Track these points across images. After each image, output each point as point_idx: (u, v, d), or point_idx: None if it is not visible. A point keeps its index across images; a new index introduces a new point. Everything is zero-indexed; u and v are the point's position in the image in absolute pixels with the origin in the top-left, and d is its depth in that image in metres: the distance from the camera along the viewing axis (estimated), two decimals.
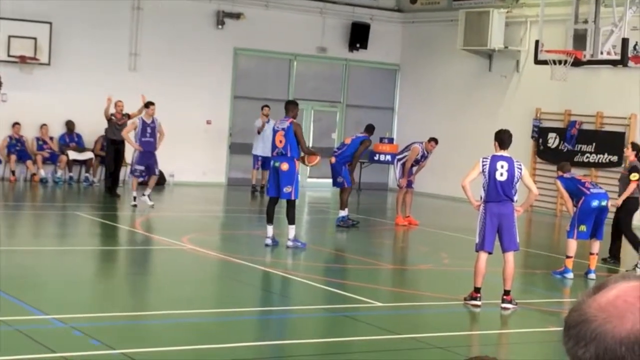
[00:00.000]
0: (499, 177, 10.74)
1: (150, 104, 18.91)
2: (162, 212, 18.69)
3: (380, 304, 10.92)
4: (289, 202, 14.63)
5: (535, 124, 23.43)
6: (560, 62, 19.44)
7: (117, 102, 20.59)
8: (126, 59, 23.87)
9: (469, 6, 24.35)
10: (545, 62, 19.76)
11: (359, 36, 26.59)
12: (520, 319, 10.86)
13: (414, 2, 27.15)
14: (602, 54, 18.79)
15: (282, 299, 11.57)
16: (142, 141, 18.70)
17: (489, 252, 10.84)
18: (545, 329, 10.29)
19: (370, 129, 19.03)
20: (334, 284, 11.90)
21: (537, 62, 20.12)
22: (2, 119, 22.17)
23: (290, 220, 14.61)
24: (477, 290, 10.87)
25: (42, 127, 22.93)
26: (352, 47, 26.68)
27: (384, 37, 27.06)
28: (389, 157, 25.63)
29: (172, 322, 9.59)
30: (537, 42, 20.11)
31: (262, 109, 23.68)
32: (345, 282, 12.24)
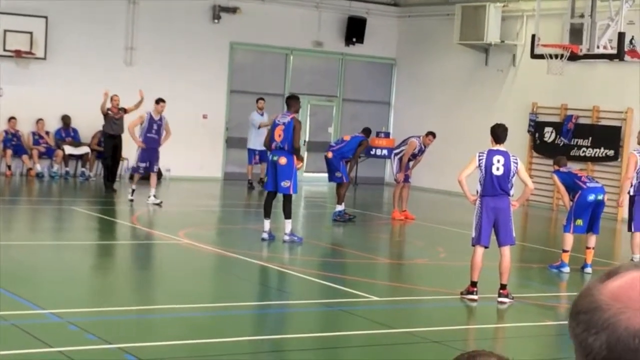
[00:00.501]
0: (495, 171, 10.74)
1: (160, 101, 18.79)
2: (159, 206, 18.64)
3: (376, 298, 10.92)
4: (286, 197, 14.62)
5: (531, 118, 23.42)
6: (556, 56, 19.45)
7: (113, 97, 20.52)
8: (122, 53, 23.83)
9: (465, 0, 24.32)
10: (541, 57, 19.76)
11: (355, 30, 26.56)
12: (516, 313, 10.86)
13: None
14: (598, 48, 18.79)
15: (279, 293, 11.57)
16: (146, 137, 18.62)
17: (485, 247, 10.85)
18: (541, 323, 10.29)
19: (367, 132, 19.16)
20: (331, 279, 11.89)
21: (534, 56, 20.11)
22: None
23: (286, 214, 14.60)
24: (474, 284, 10.87)
25: (38, 121, 22.90)
26: (348, 41, 26.65)
27: (380, 31, 27.03)
28: (385, 152, 25.64)
29: (169, 316, 9.58)
30: (533, 37, 20.10)
31: (257, 102, 23.69)
32: (341, 276, 12.23)
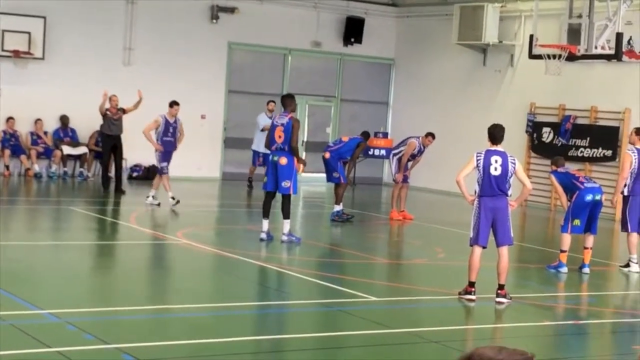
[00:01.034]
0: (493, 171, 10.74)
1: (174, 104, 18.78)
2: (157, 206, 18.63)
3: (375, 298, 10.93)
4: (285, 197, 14.62)
5: (529, 118, 23.43)
6: (554, 56, 19.46)
7: (112, 97, 20.50)
8: (120, 53, 23.84)
9: (464, 0, 24.33)
10: (539, 57, 19.77)
11: (353, 30, 26.57)
12: (514, 313, 10.86)
13: None
14: (596, 48, 18.80)
15: (277, 293, 11.57)
16: (163, 140, 18.62)
17: (483, 247, 10.86)
18: (539, 323, 10.30)
19: (366, 135, 19.20)
20: (329, 279, 11.90)
21: (532, 56, 20.13)
22: None
23: (285, 214, 14.62)
24: (472, 284, 10.88)
25: (36, 121, 22.90)
26: (346, 41, 26.66)
27: (379, 31, 27.05)
28: (383, 152, 25.66)
29: (167, 316, 9.58)
30: (531, 37, 20.11)
31: (268, 104, 23.28)
32: (340, 276, 12.23)
